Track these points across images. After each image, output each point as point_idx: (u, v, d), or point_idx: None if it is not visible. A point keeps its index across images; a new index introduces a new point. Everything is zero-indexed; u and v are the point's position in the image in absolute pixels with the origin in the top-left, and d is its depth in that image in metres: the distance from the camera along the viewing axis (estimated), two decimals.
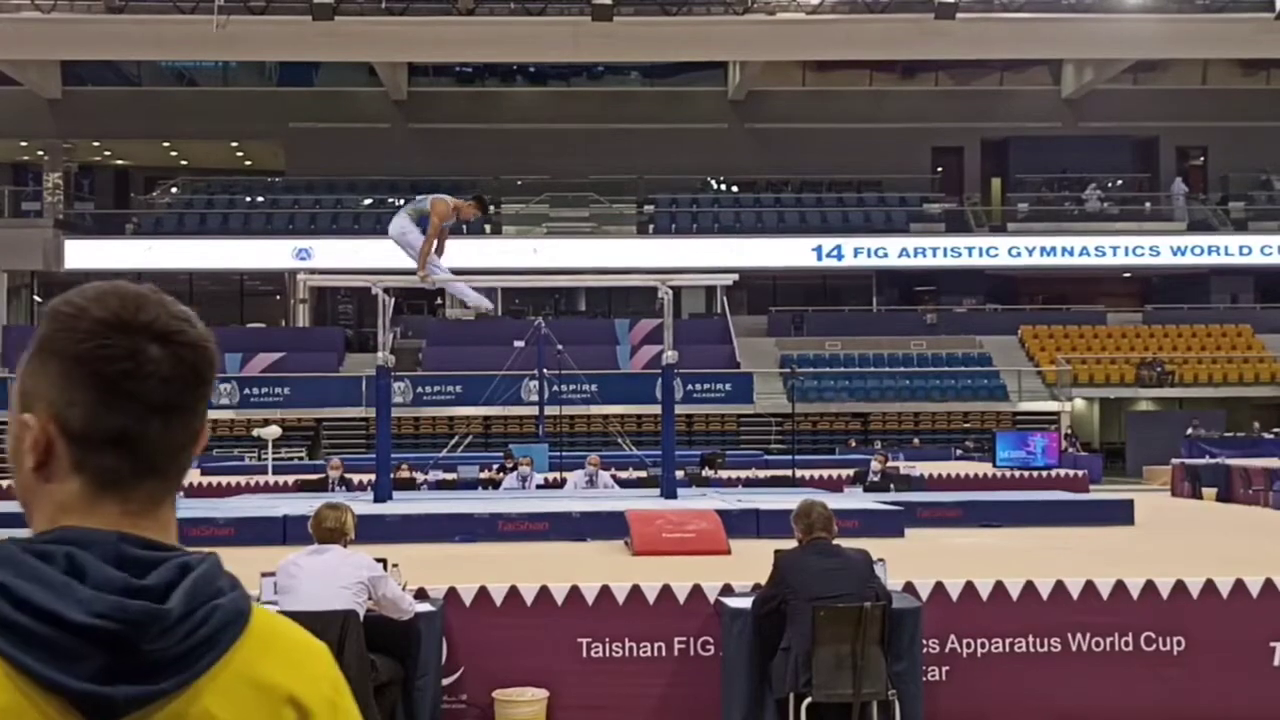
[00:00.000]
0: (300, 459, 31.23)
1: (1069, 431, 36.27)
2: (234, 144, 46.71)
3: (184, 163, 47.57)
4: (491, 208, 14.16)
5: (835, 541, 8.02)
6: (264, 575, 8.00)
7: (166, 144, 46.52)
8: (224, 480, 22.69)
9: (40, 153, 45.42)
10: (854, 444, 34.38)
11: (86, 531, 1.46)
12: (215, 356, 1.57)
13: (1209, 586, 9.17)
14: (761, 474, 22.88)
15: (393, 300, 15.74)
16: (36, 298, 43.84)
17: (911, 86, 46.45)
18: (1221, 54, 41.60)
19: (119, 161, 48.45)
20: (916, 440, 35.14)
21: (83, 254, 40.87)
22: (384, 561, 7.99)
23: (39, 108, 43.44)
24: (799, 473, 22.70)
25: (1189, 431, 34.43)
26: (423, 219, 13.90)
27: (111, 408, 1.48)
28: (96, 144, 46.48)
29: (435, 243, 13.81)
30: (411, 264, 14.12)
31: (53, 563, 1.42)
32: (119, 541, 1.46)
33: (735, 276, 16.89)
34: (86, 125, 44.39)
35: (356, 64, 42.78)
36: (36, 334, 1.54)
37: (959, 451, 33.18)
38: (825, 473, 22.97)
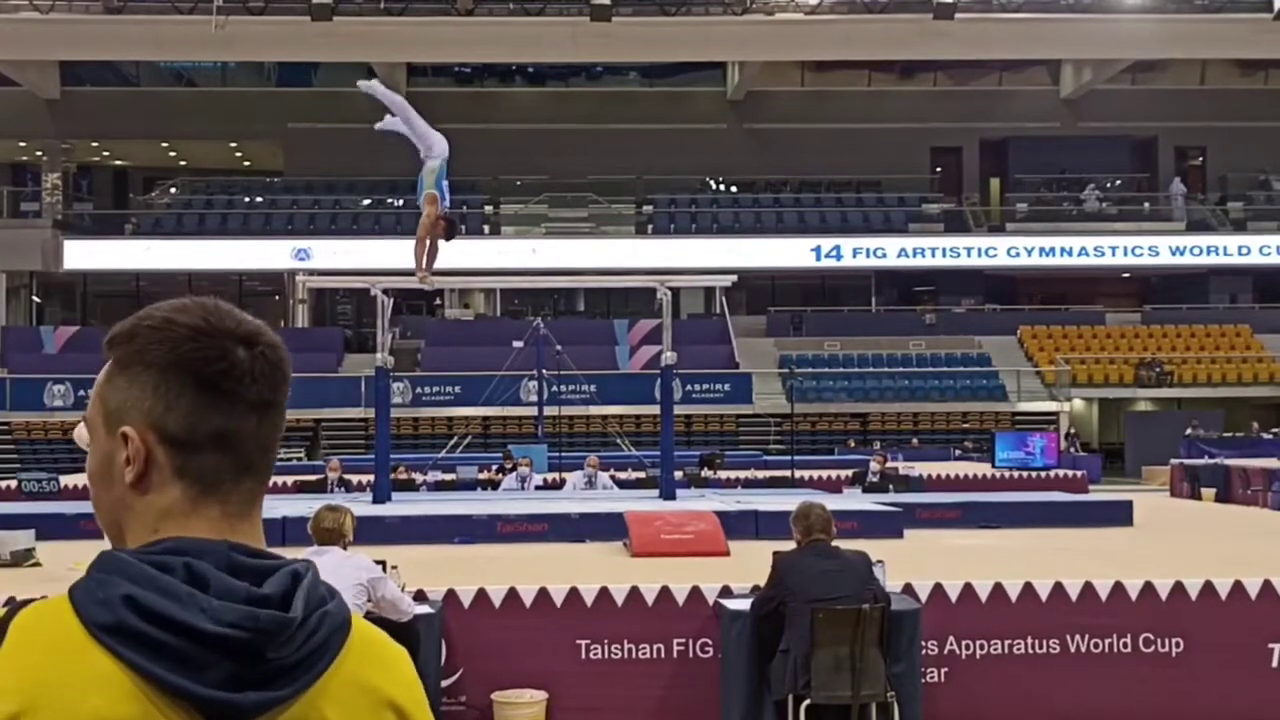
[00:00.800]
0: (299, 459, 31.21)
1: (1071, 431, 36.27)
2: (233, 144, 46.68)
3: (183, 163, 47.55)
4: (458, 233, 14.22)
5: (834, 543, 8.03)
6: None
7: (165, 144, 46.48)
8: None
9: (39, 153, 45.40)
10: (853, 444, 34.35)
11: (198, 541, 1.51)
12: (289, 358, 1.64)
13: (1208, 588, 9.18)
14: (760, 474, 22.86)
15: (391, 301, 15.75)
16: (35, 298, 43.84)
17: (910, 87, 46.44)
18: (1220, 54, 41.63)
19: (118, 162, 48.43)
20: (915, 440, 35.12)
21: (82, 254, 40.87)
22: (383, 563, 7.99)
23: (38, 108, 43.41)
24: (798, 473, 22.69)
25: (1188, 432, 34.42)
26: (420, 186, 14.21)
27: (211, 407, 1.55)
28: (95, 144, 46.44)
29: (429, 242, 13.88)
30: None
31: (172, 573, 1.46)
32: (230, 550, 1.51)
33: (734, 278, 16.93)
34: (85, 125, 44.36)
35: (355, 64, 42.74)
36: (118, 354, 1.59)
37: (958, 452, 33.18)
38: (824, 473, 22.97)
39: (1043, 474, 23.65)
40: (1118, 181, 45.80)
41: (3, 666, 1.42)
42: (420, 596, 8.61)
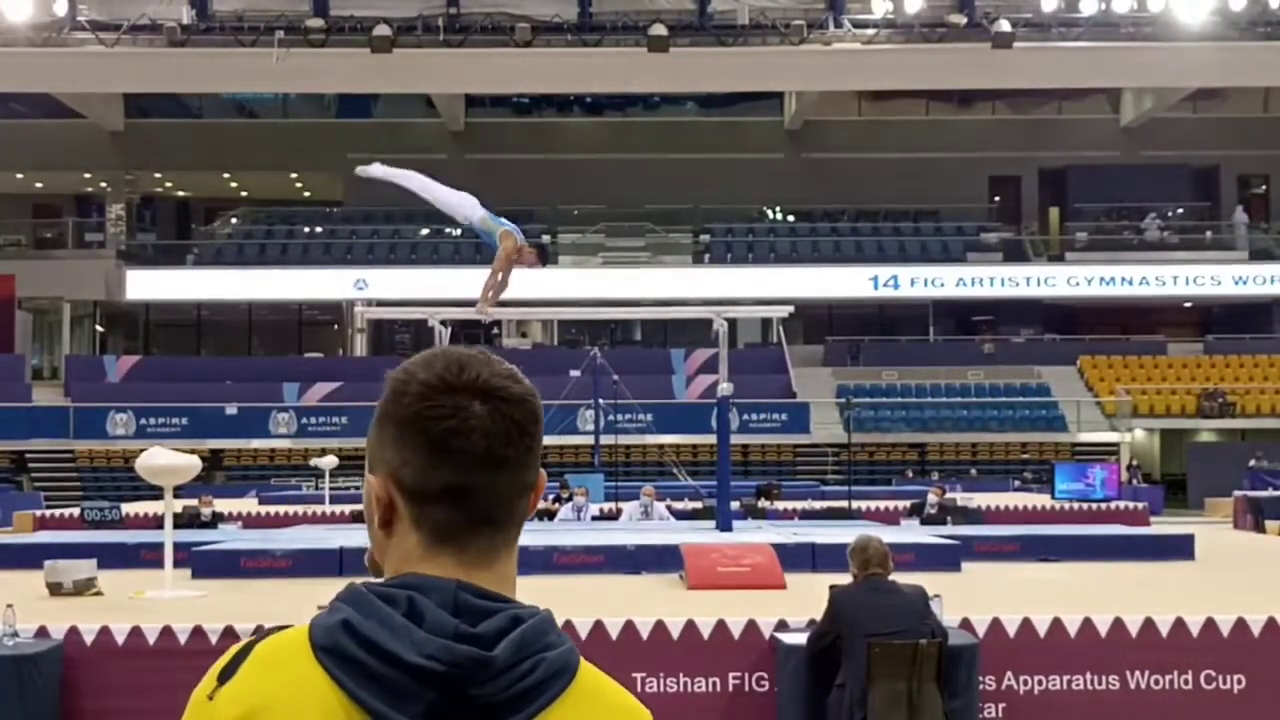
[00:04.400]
0: (357, 489, 31.28)
1: (1134, 463, 35.91)
2: (293, 175, 47.12)
3: (244, 194, 48.02)
4: (549, 261, 14.18)
5: (891, 577, 7.99)
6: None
7: (226, 175, 46.99)
8: (281, 510, 22.84)
9: (103, 184, 46.01)
10: (911, 475, 34.16)
11: (428, 578, 1.58)
12: (537, 410, 1.72)
13: (1271, 624, 9.05)
14: (818, 505, 22.75)
15: (449, 330, 15.82)
16: (98, 327, 44.33)
17: (968, 116, 46.29)
18: None
19: (180, 193, 48.99)
20: (974, 471, 34.90)
21: (144, 284, 41.37)
22: None
23: (102, 140, 44.01)
24: (855, 504, 22.54)
25: (1251, 463, 34.00)
26: (488, 236, 14.07)
27: (440, 464, 1.60)
28: (158, 176, 47.03)
29: (501, 276, 13.86)
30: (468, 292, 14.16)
31: (395, 605, 1.53)
32: (458, 589, 1.56)
33: (791, 308, 16.86)
34: (148, 157, 44.91)
35: (414, 96, 43.08)
36: (378, 405, 1.67)
37: (1017, 483, 32.90)
38: (882, 504, 22.79)
39: (1103, 506, 23.37)
40: (1179, 211, 45.40)
41: (240, 678, 1.54)
42: None
